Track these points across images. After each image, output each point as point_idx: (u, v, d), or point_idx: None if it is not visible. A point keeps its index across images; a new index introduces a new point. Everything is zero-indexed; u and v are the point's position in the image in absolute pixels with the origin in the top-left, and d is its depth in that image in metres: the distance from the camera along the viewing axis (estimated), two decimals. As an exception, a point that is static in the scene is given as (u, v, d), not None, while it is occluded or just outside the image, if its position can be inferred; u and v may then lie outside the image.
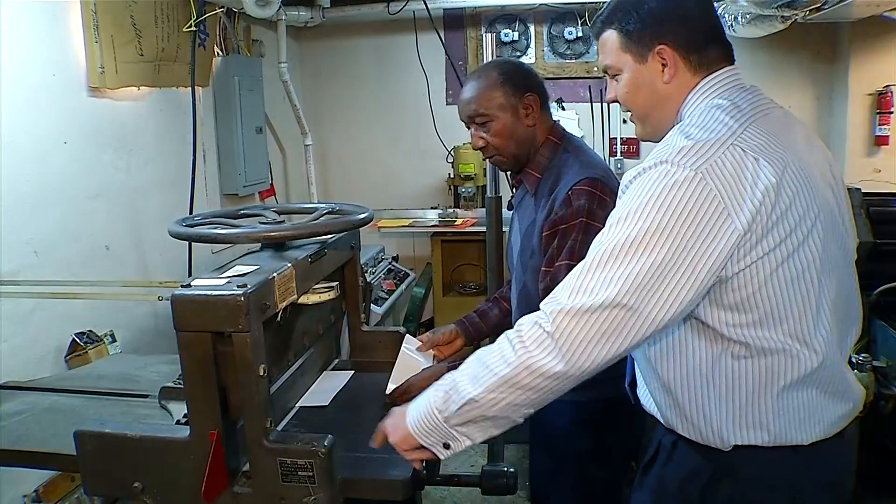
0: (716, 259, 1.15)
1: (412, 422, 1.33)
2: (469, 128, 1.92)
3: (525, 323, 1.22)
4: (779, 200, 1.17)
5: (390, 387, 1.81)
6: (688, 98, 1.35)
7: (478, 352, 1.29)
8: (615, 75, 1.41)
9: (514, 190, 2.03)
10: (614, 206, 1.72)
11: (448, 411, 1.27)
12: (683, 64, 1.34)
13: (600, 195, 1.74)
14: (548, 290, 1.75)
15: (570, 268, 1.69)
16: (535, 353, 1.18)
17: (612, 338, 1.16)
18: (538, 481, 2.08)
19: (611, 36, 1.38)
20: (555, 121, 1.96)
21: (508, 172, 2.02)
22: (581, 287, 1.18)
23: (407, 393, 1.79)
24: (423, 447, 1.34)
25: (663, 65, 1.34)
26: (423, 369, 1.88)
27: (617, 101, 1.45)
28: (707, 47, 1.34)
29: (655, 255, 1.13)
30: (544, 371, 1.18)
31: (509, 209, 2.06)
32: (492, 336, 2.29)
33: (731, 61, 1.37)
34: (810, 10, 3.25)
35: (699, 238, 1.14)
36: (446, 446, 1.31)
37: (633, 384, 1.59)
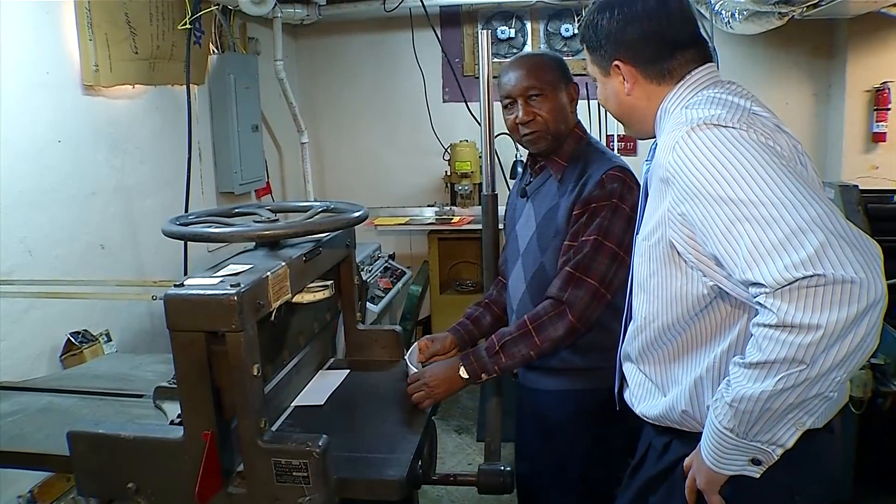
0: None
1: (707, 454, 1.23)
2: (512, 105, 1.96)
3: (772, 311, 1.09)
4: (801, 162, 1.25)
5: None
6: (670, 97, 1.38)
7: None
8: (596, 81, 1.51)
9: (530, 177, 2.06)
10: (639, 195, 1.77)
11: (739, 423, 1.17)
12: (642, 77, 1.40)
13: (629, 182, 1.85)
14: (567, 261, 1.83)
15: (597, 242, 1.79)
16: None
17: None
18: (533, 473, 2.07)
19: (584, 50, 1.50)
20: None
21: (523, 163, 2.08)
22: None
23: (420, 381, 1.82)
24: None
25: (623, 78, 1.41)
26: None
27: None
28: (671, 57, 1.37)
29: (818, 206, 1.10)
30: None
31: (522, 196, 2.06)
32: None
33: (708, 59, 1.40)
34: (807, 7, 3.24)
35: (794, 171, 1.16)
36: (755, 462, 1.20)
37: (621, 390, 1.59)
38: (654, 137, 1.45)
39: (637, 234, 1.46)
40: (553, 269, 1.89)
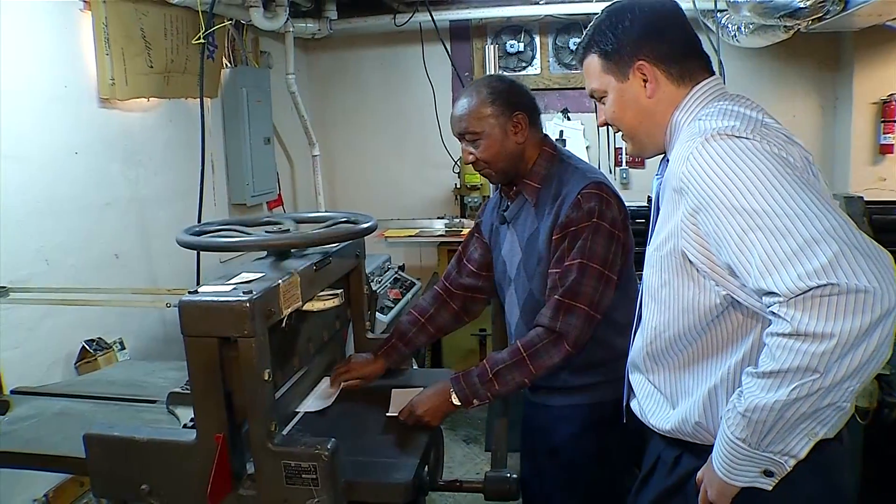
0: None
1: (719, 465, 1.23)
2: (461, 142, 1.95)
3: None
4: (813, 173, 1.24)
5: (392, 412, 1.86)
6: (680, 109, 1.38)
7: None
8: (602, 98, 1.47)
9: (506, 204, 2.00)
10: (618, 208, 1.79)
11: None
12: (665, 77, 1.39)
13: (607, 197, 1.80)
14: (555, 289, 1.79)
15: (582, 266, 1.75)
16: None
17: None
18: (540, 482, 2.08)
19: (592, 60, 1.45)
20: (545, 133, 1.99)
21: (500, 187, 2.03)
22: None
23: (412, 413, 1.79)
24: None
25: (644, 80, 1.39)
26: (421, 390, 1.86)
27: (608, 125, 1.49)
28: (687, 59, 1.39)
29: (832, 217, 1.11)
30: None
31: (502, 223, 2.02)
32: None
33: (712, 72, 1.42)
34: (812, 20, 3.26)
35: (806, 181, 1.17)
36: (768, 473, 1.20)
37: (628, 401, 1.59)
38: (663, 153, 1.45)
39: (648, 244, 1.45)
40: (542, 295, 1.86)
